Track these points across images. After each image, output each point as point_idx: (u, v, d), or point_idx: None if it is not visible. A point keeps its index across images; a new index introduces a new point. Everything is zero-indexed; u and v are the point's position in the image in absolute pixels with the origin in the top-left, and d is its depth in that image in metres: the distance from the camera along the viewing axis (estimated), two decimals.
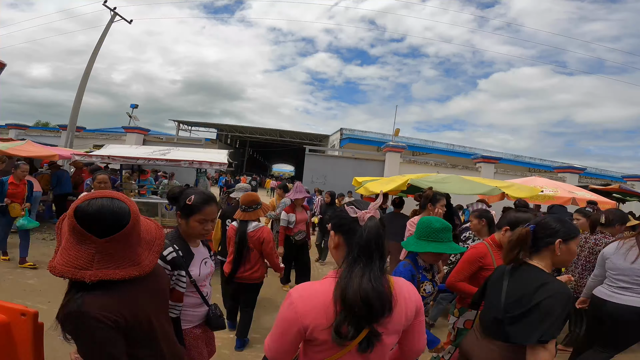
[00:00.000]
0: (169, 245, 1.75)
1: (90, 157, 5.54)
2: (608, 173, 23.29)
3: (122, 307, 1.08)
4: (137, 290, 1.16)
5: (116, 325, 1.05)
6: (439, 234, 1.99)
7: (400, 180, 4.91)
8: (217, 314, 1.95)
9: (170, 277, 1.72)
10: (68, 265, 1.05)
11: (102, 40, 14.43)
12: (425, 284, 2.09)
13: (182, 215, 1.81)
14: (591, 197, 6.11)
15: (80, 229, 1.05)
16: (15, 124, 16.02)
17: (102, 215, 1.07)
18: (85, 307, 1.01)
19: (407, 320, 1.18)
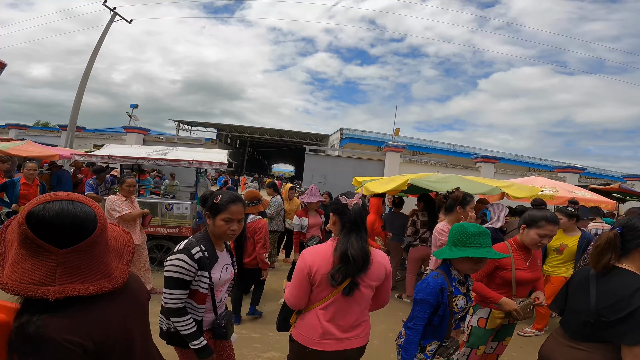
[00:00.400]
0: (196, 244, 1.76)
1: (90, 157, 5.54)
2: (608, 173, 23.29)
3: (91, 329, 0.93)
4: (110, 307, 1.01)
5: (82, 349, 0.90)
6: (476, 238, 1.82)
7: (400, 180, 4.91)
8: (221, 325, 1.88)
9: (193, 278, 1.74)
10: (24, 280, 0.87)
11: (102, 40, 14.43)
12: (458, 298, 1.88)
13: (209, 215, 1.84)
14: (591, 197, 6.10)
15: (35, 238, 0.87)
16: (15, 124, 16.00)
17: (62, 221, 0.90)
18: (46, 331, 0.86)
19: (378, 279, 1.82)
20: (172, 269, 1.71)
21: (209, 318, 1.87)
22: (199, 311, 1.79)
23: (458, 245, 1.86)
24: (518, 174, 12.55)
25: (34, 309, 0.89)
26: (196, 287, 1.76)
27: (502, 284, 2.43)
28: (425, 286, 1.85)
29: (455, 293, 1.87)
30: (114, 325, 1.00)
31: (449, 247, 1.90)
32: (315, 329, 1.78)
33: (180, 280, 1.70)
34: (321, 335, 1.77)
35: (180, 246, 1.77)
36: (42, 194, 0.95)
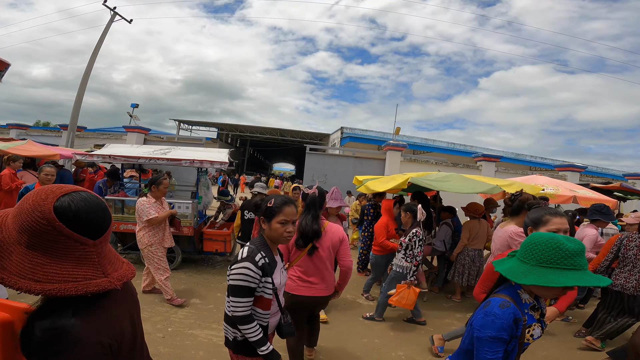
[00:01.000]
0: (257, 252, 1.76)
1: (91, 156, 5.54)
2: (609, 171, 23.27)
3: (112, 327, 0.92)
4: (120, 303, 1.00)
5: (110, 351, 0.88)
6: (576, 259, 1.36)
7: (401, 179, 4.91)
8: (289, 322, 1.96)
9: (258, 284, 1.74)
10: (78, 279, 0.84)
11: (102, 40, 14.43)
12: (533, 328, 1.50)
13: (265, 220, 1.86)
14: (592, 196, 6.10)
15: (72, 233, 0.83)
16: (16, 124, 16.03)
17: (94, 210, 0.89)
18: (81, 332, 0.82)
19: (332, 244, 2.68)
20: (239, 277, 1.71)
21: (274, 321, 1.91)
22: (264, 317, 1.81)
23: (551, 267, 1.39)
24: (519, 172, 12.54)
25: (61, 309, 0.85)
26: (260, 293, 1.77)
27: None
28: (491, 320, 1.44)
29: (529, 322, 1.51)
30: (125, 322, 1.00)
31: (534, 267, 1.42)
32: (294, 280, 2.69)
33: (247, 288, 1.71)
34: (297, 284, 2.68)
35: (244, 254, 1.76)
36: (47, 186, 0.88)
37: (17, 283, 0.80)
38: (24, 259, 0.82)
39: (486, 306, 1.51)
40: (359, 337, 3.78)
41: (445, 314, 4.66)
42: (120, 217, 5.24)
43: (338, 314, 4.36)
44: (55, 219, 0.82)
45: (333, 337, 3.74)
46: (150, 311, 3.93)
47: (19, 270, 0.81)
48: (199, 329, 3.65)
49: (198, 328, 3.65)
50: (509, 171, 12.63)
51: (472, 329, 1.54)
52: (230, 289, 1.74)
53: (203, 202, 5.95)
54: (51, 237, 0.82)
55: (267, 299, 1.79)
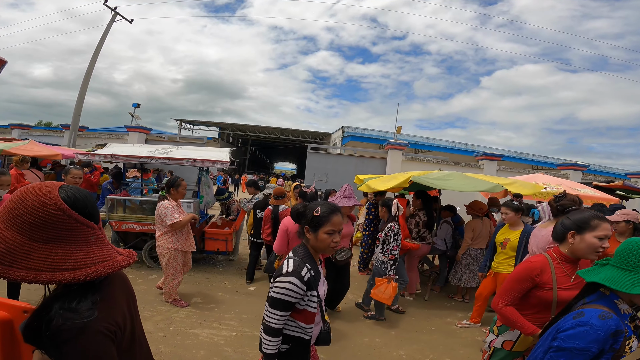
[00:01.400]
0: (302, 265, 1.68)
1: (93, 155, 5.55)
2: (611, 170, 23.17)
3: (116, 314, 0.95)
4: (120, 291, 1.04)
5: (115, 337, 0.92)
6: None
7: (402, 178, 4.90)
8: (328, 330, 1.89)
9: (302, 298, 1.67)
10: (97, 260, 0.89)
11: (104, 40, 14.45)
12: (632, 340, 1.44)
13: (310, 230, 1.76)
14: (595, 194, 6.07)
15: (85, 220, 0.90)
16: (18, 124, 16.05)
17: (90, 199, 0.95)
18: (94, 319, 0.86)
19: None
20: (282, 291, 1.63)
21: (316, 331, 1.84)
22: (307, 330, 1.73)
23: None
24: (521, 171, 12.49)
25: (74, 295, 0.88)
26: (304, 307, 1.70)
27: (537, 305, 2.03)
28: (584, 331, 1.37)
29: (629, 334, 1.43)
30: (125, 309, 1.02)
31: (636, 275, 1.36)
32: None
33: (287, 303, 1.65)
34: None
35: (289, 268, 1.67)
36: (35, 184, 0.91)
37: (55, 277, 0.83)
38: (48, 253, 0.84)
39: (579, 317, 1.42)
40: (360, 336, 3.78)
41: (446, 313, 4.65)
42: (122, 217, 5.25)
43: (339, 313, 4.35)
44: (68, 208, 0.87)
45: (334, 336, 3.73)
46: (151, 310, 3.94)
47: (47, 266, 0.84)
48: (200, 328, 3.65)
49: (199, 327, 3.66)
50: (510, 170, 12.59)
51: (548, 340, 1.50)
52: (271, 300, 1.67)
53: (204, 201, 5.95)
54: (68, 226, 0.87)
55: (311, 313, 1.71)
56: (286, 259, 1.74)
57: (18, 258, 0.82)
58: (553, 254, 2.05)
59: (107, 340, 0.88)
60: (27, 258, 0.83)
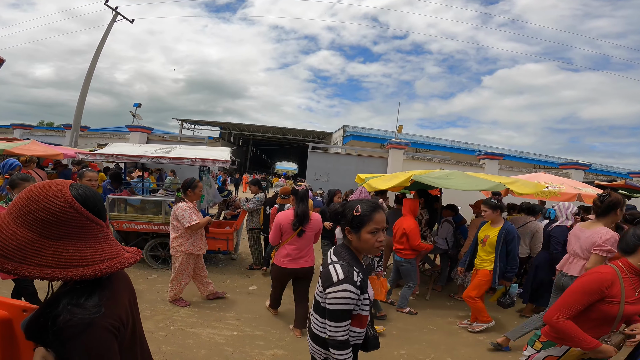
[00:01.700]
0: (352, 270, 1.58)
1: (94, 155, 5.55)
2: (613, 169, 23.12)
3: (119, 311, 0.97)
4: (122, 289, 1.05)
5: (118, 333, 0.94)
6: None
7: (404, 177, 4.88)
8: (375, 335, 1.82)
9: (356, 303, 1.58)
10: (102, 257, 0.91)
11: (105, 40, 14.47)
12: None
13: (351, 230, 1.64)
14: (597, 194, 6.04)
15: (94, 217, 0.92)
16: (19, 124, 16.08)
17: (98, 197, 0.97)
18: (99, 315, 0.88)
19: (314, 228, 3.70)
20: (341, 301, 1.53)
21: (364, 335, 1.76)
22: (360, 335, 1.67)
23: None
24: (522, 170, 12.46)
25: (82, 292, 0.89)
26: (358, 312, 1.62)
27: (597, 320, 1.91)
28: None
29: None
30: (127, 307, 1.04)
31: None
32: (284, 255, 3.61)
33: (347, 312, 1.56)
34: (286, 259, 3.60)
35: (339, 275, 1.55)
36: (46, 181, 0.92)
37: (66, 273, 0.85)
38: (59, 250, 0.86)
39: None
40: None
41: (447, 312, 4.64)
42: (124, 216, 5.25)
43: None
44: (80, 206, 0.89)
45: None
46: (152, 310, 3.94)
47: (58, 262, 0.85)
48: (201, 327, 3.65)
49: (200, 327, 3.66)
50: (512, 169, 12.56)
51: None
52: (330, 313, 1.55)
53: (206, 201, 5.94)
54: (79, 223, 0.89)
55: (364, 316, 1.63)
56: (332, 265, 1.62)
57: (29, 255, 0.83)
58: (621, 265, 1.92)
59: (111, 337, 0.90)
60: (39, 255, 0.84)
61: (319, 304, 1.64)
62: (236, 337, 3.52)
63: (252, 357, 3.17)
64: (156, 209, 5.33)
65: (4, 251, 0.82)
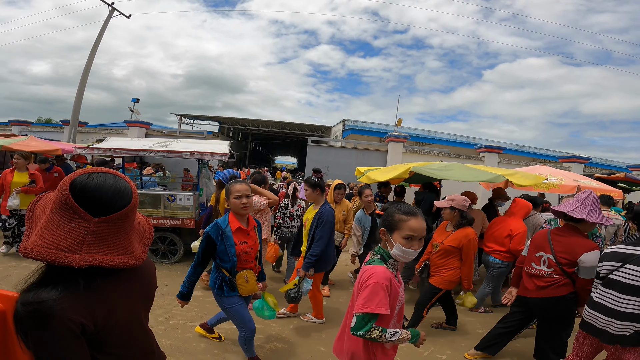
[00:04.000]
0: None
1: (92, 150, 5.52)
2: (613, 163, 23.07)
3: (96, 309, 0.94)
4: (118, 288, 1.03)
5: (82, 330, 0.91)
6: None
7: (403, 168, 4.87)
8: None
9: None
10: (50, 246, 0.88)
11: (101, 36, 14.35)
12: None
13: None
14: (597, 186, 6.04)
15: (74, 204, 0.90)
16: (18, 121, 16.01)
17: (103, 191, 0.94)
18: (58, 308, 0.86)
19: None
20: None
21: None
22: None
23: None
24: (522, 164, 12.44)
25: (47, 284, 0.89)
26: None
27: None
28: None
29: None
30: (120, 308, 1.02)
31: None
32: None
33: None
34: None
35: None
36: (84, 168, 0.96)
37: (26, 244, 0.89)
38: (45, 220, 0.92)
39: None
40: None
41: None
42: None
43: (337, 301, 4.35)
44: (66, 188, 0.91)
45: (332, 324, 3.73)
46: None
47: (34, 229, 0.93)
48: (201, 321, 3.64)
49: (200, 320, 3.65)
50: (512, 162, 12.53)
51: None
52: None
53: (205, 194, 5.93)
54: (60, 204, 0.91)
55: None
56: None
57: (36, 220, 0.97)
58: None
59: (70, 333, 0.88)
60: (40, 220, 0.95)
61: None
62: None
63: None
64: (155, 203, 5.31)
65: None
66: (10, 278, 4.22)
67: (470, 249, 3.41)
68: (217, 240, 2.48)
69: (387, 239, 1.66)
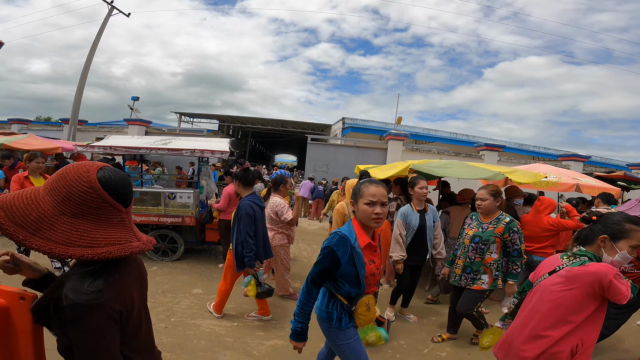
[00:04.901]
0: None
1: (92, 147, 5.52)
2: (613, 162, 23.09)
3: (125, 296, 0.99)
4: (131, 275, 1.07)
5: (120, 318, 0.96)
6: None
7: (402, 166, 4.87)
8: None
9: None
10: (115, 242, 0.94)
11: (101, 34, 14.32)
12: None
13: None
14: (596, 184, 6.04)
15: (112, 200, 0.95)
16: (17, 119, 16.00)
17: (125, 184, 1.00)
18: (107, 297, 0.91)
19: None
20: None
21: None
22: None
23: None
24: (522, 162, 12.45)
25: (92, 275, 0.92)
26: None
27: None
28: None
29: None
30: (135, 294, 1.06)
31: None
32: None
33: None
34: None
35: None
36: (80, 162, 0.97)
37: (67, 251, 0.88)
38: (70, 227, 0.90)
39: None
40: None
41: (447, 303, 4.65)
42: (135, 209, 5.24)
43: None
44: (100, 188, 0.92)
45: None
46: (153, 301, 3.94)
47: (66, 239, 0.89)
48: (201, 318, 3.66)
49: (200, 318, 3.67)
50: (511, 160, 12.55)
51: None
52: None
53: (205, 192, 5.94)
54: (96, 204, 0.92)
55: None
56: None
57: (43, 227, 0.88)
58: None
59: (111, 322, 0.93)
60: (51, 229, 0.88)
61: None
62: (236, 327, 3.54)
63: (253, 348, 3.18)
64: (155, 201, 5.32)
65: (23, 220, 0.87)
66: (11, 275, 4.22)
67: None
68: (343, 259, 1.83)
69: (607, 246, 1.71)
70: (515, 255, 3.17)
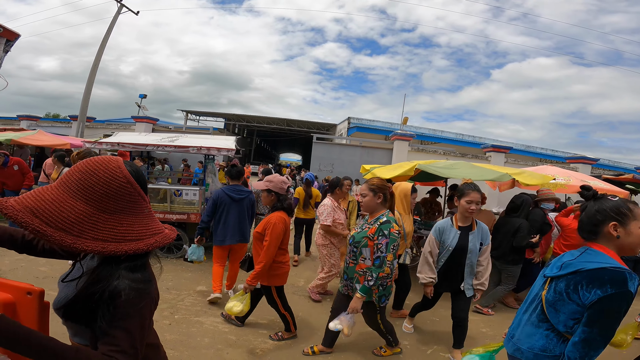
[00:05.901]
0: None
1: (100, 144, 5.56)
2: (621, 165, 22.82)
3: (156, 287, 1.04)
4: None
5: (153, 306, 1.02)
6: None
7: (408, 166, 4.85)
8: None
9: None
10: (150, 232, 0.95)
11: (110, 32, 14.42)
12: None
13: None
14: (604, 187, 5.98)
15: (142, 191, 0.96)
16: (26, 115, 16.17)
17: (143, 175, 1.03)
18: (152, 289, 0.97)
19: None
20: None
21: None
22: None
23: None
24: (529, 164, 12.35)
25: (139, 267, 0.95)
26: None
27: None
28: None
29: None
30: None
31: None
32: None
33: None
34: None
35: None
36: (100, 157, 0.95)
37: (120, 247, 0.87)
38: (115, 224, 0.89)
39: None
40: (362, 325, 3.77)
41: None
42: None
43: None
44: (134, 182, 0.93)
45: None
46: None
47: (114, 236, 0.88)
48: (205, 316, 3.67)
49: (204, 315, 3.68)
50: (518, 162, 12.45)
51: None
52: None
53: (210, 189, 5.96)
54: (133, 198, 0.93)
55: None
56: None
57: (86, 228, 0.84)
58: None
59: (154, 308, 0.99)
60: (95, 229, 0.86)
61: None
62: (239, 326, 3.54)
63: (256, 346, 3.19)
64: (161, 198, 5.34)
65: (64, 224, 0.82)
66: (17, 271, 4.26)
67: (269, 235, 2.95)
68: None
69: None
70: (376, 263, 2.57)
